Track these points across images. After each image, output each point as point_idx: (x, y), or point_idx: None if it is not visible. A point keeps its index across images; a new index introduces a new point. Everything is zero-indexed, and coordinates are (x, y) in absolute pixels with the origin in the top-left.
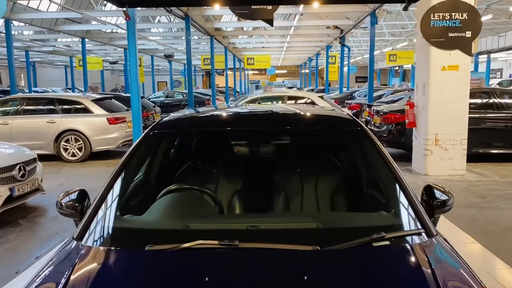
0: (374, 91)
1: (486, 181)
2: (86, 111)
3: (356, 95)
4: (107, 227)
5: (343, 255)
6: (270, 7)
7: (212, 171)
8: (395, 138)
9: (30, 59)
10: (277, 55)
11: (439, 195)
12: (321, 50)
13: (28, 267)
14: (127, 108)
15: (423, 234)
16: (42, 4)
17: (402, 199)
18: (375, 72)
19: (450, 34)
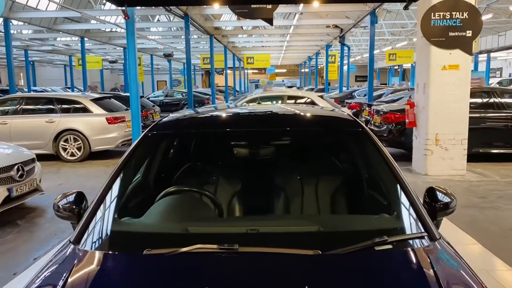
0: (374, 90)
1: (487, 181)
2: (85, 110)
3: (356, 94)
4: (104, 231)
5: (345, 259)
6: (270, 6)
7: (212, 172)
8: (395, 138)
9: (29, 58)
10: (276, 54)
11: (441, 197)
12: (321, 49)
13: (26, 268)
14: (126, 108)
15: (426, 238)
16: (41, 3)
17: (404, 201)
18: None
19: (451, 34)
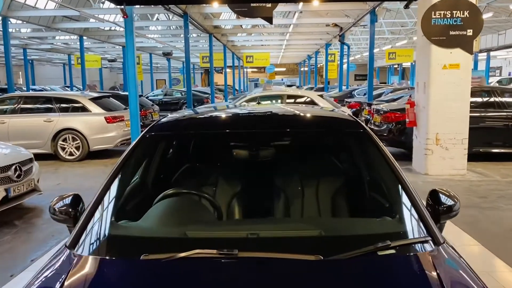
0: (373, 89)
1: (487, 181)
2: (84, 109)
3: (356, 93)
4: (101, 235)
5: (347, 265)
6: (270, 4)
7: (211, 174)
8: (395, 137)
9: (28, 56)
10: (276, 53)
11: (445, 200)
12: (321, 48)
13: (24, 270)
14: (125, 107)
15: (430, 242)
16: (39, 2)
17: (407, 204)
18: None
19: (451, 33)
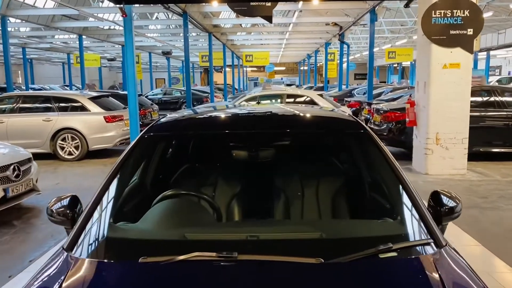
0: (373, 88)
1: (488, 181)
2: (83, 109)
3: (355, 92)
4: (98, 237)
5: (348, 268)
6: (269, 3)
7: (210, 175)
8: (395, 137)
9: (27, 56)
10: (275, 52)
11: (446, 201)
12: (320, 47)
13: (22, 270)
14: (124, 106)
15: (432, 245)
16: (38, 1)
17: (409, 206)
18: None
19: (452, 32)
